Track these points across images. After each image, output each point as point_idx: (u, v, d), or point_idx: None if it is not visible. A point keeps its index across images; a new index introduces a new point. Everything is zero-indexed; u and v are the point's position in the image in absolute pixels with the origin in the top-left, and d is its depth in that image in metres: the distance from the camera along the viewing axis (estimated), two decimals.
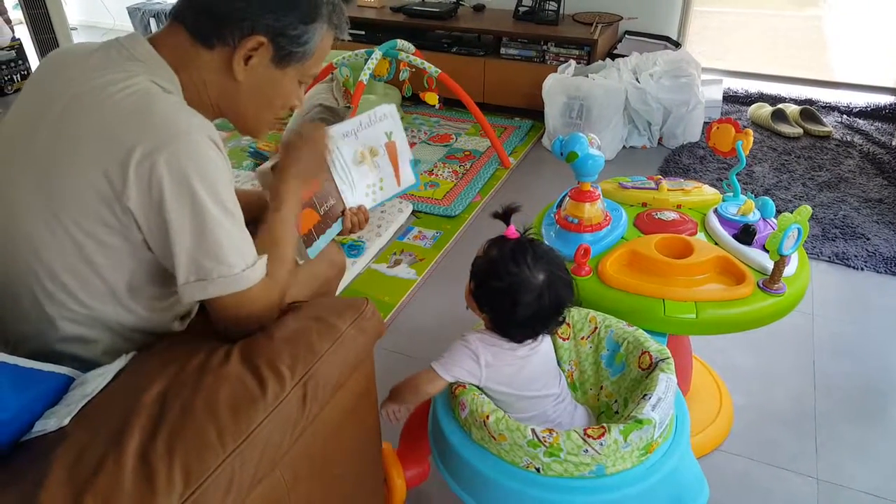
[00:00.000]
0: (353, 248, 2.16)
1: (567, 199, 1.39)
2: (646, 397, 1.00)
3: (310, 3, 0.91)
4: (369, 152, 1.24)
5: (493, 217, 1.10)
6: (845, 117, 3.22)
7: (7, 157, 0.88)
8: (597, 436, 0.94)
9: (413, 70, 2.76)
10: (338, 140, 1.20)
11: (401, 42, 2.73)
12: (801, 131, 3.05)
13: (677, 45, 3.31)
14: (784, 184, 2.63)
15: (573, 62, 3.04)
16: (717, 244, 1.34)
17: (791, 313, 1.26)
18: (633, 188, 1.51)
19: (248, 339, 0.87)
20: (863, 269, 2.11)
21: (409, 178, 1.32)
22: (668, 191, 1.49)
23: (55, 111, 0.84)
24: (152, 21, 4.18)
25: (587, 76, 2.88)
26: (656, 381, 1.02)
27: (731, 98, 3.43)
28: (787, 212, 1.17)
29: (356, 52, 2.70)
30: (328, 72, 2.78)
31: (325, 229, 1.19)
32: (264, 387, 0.78)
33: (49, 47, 3.49)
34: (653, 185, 1.51)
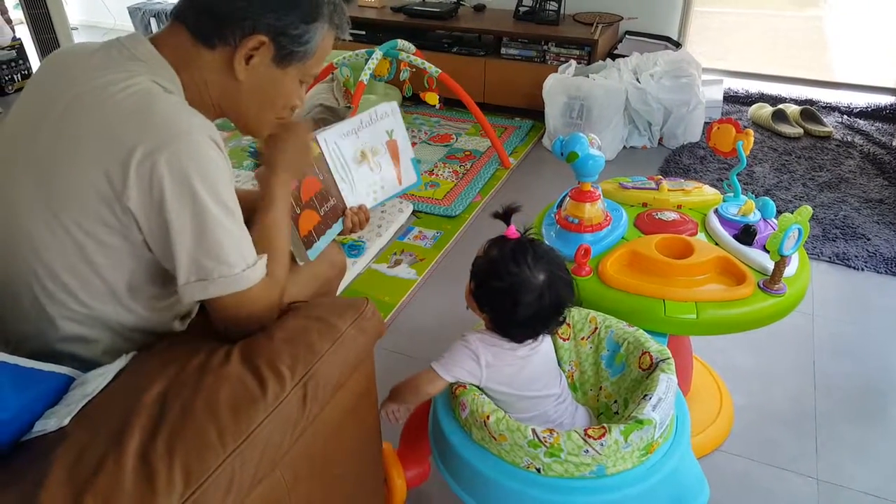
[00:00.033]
0: (354, 248, 2.16)
1: (567, 199, 1.39)
2: (646, 397, 1.00)
3: (311, 3, 0.91)
4: (370, 151, 1.24)
5: (493, 217, 1.10)
6: (846, 118, 3.22)
7: (8, 156, 0.88)
8: (597, 436, 0.94)
9: (413, 70, 2.75)
10: (338, 139, 1.19)
11: (401, 42, 2.73)
12: (801, 131, 3.05)
13: (678, 45, 3.31)
14: (784, 184, 2.63)
15: (573, 62, 3.04)
16: (717, 244, 1.34)
17: (791, 314, 1.27)
18: (633, 188, 1.51)
19: (248, 340, 0.87)
20: (863, 269, 2.11)
21: (410, 177, 1.31)
22: (668, 191, 1.49)
23: (56, 111, 0.84)
24: (153, 21, 4.18)
25: (587, 76, 2.88)
26: (657, 382, 1.02)
27: (731, 98, 3.43)
28: (788, 212, 1.18)
29: (357, 52, 2.70)
30: (329, 72, 2.78)
31: (325, 230, 1.19)
32: (264, 387, 0.78)
33: (50, 47, 3.49)
34: (653, 186, 1.51)
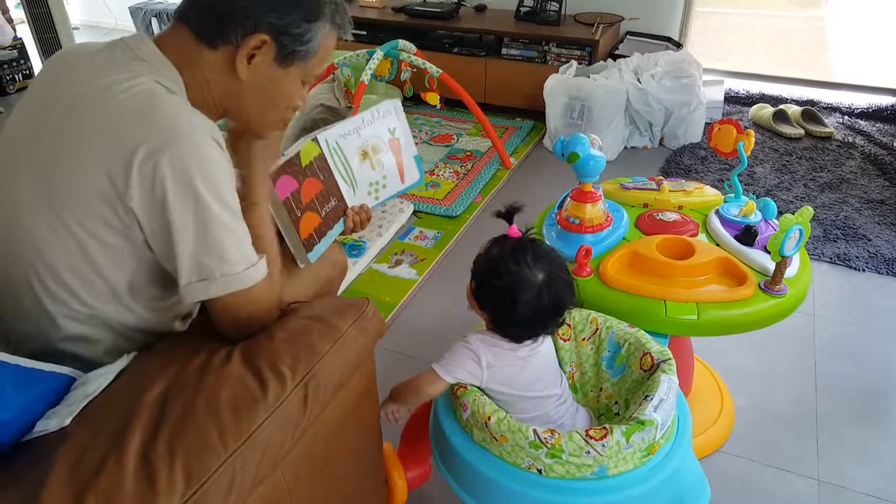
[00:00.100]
0: (355, 249, 2.16)
1: (568, 199, 1.39)
2: (648, 398, 1.00)
3: (312, 2, 0.91)
4: (372, 150, 1.23)
5: (495, 216, 1.10)
6: (847, 118, 3.22)
7: (11, 156, 0.88)
8: (599, 437, 0.93)
9: (414, 70, 2.75)
10: (339, 139, 1.19)
11: (402, 42, 2.73)
12: (802, 132, 3.05)
13: (679, 45, 3.30)
14: (785, 185, 2.63)
15: (574, 63, 3.04)
16: (718, 245, 1.34)
17: (792, 315, 1.27)
18: (634, 189, 1.51)
19: (249, 340, 0.87)
20: (864, 270, 2.11)
21: (413, 175, 1.31)
22: (669, 192, 1.49)
23: (59, 111, 0.84)
24: (154, 21, 4.18)
25: (588, 77, 2.88)
26: (658, 383, 1.02)
27: (732, 99, 3.43)
28: (789, 213, 1.18)
29: (357, 52, 2.70)
30: (330, 72, 2.78)
31: (326, 231, 1.18)
32: (265, 387, 0.78)
33: (51, 47, 3.49)
34: (654, 186, 1.51)
